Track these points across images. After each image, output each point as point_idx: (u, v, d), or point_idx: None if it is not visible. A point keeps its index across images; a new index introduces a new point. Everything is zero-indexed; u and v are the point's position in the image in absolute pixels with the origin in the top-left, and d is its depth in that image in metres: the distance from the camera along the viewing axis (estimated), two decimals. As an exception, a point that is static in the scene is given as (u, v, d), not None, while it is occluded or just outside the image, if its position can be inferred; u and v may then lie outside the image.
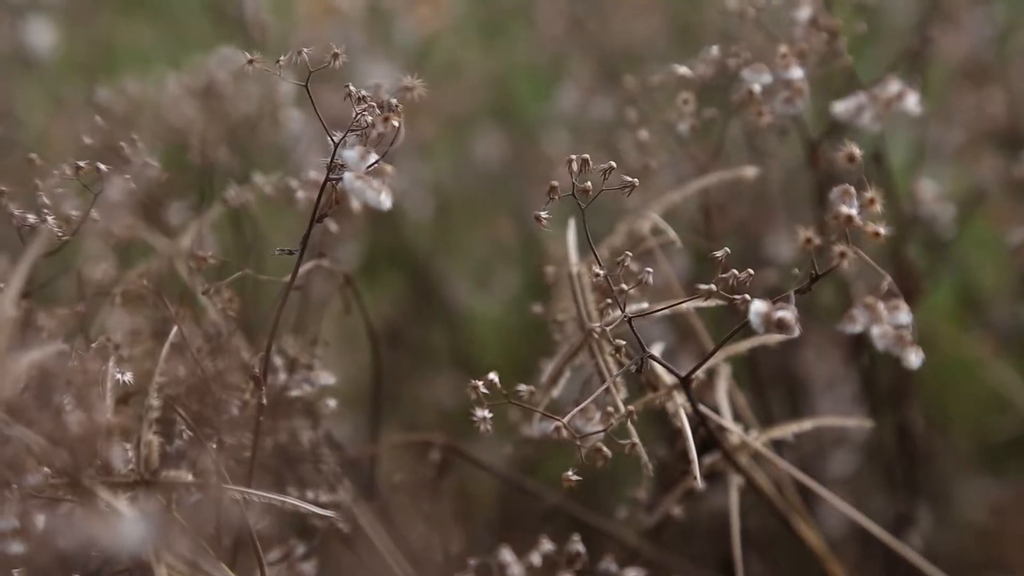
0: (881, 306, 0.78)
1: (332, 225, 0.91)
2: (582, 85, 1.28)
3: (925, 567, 0.96)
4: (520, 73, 1.43)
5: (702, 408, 0.88)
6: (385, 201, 0.78)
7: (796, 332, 0.76)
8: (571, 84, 1.29)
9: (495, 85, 1.39)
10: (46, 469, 0.73)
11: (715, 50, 0.93)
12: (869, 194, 0.75)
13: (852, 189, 0.76)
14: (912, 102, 0.93)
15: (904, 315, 0.78)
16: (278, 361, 0.91)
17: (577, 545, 0.86)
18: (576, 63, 1.32)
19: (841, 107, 0.95)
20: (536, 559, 0.86)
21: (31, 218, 0.81)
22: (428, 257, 1.35)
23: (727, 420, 0.91)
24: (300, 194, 0.90)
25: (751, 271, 0.79)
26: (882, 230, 0.75)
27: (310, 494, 0.92)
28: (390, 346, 1.28)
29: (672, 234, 0.91)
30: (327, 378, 0.92)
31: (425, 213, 1.32)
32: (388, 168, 0.77)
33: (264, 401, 0.85)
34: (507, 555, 0.86)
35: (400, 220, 1.29)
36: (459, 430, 1.29)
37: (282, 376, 0.92)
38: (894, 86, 0.93)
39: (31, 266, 0.73)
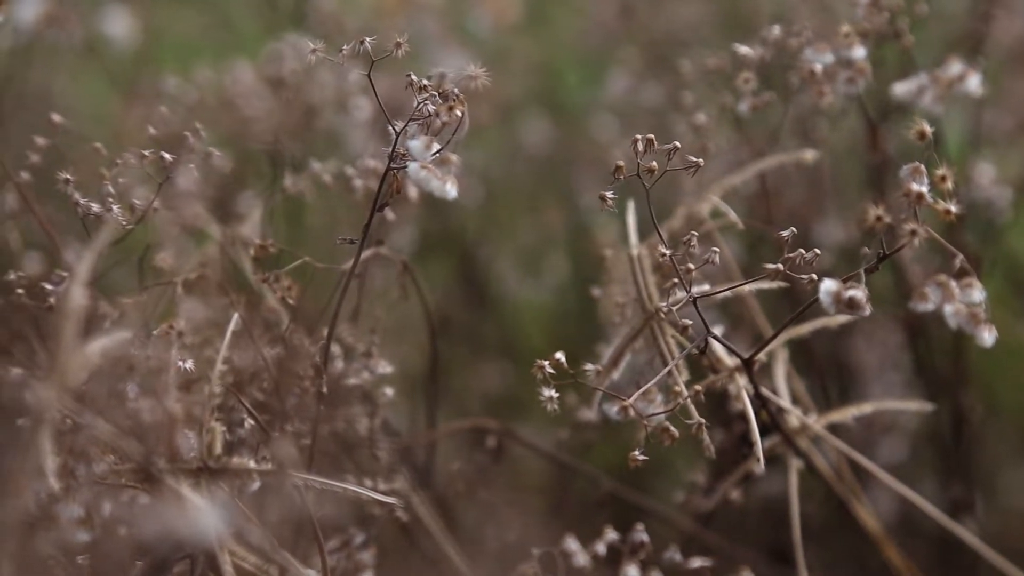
0: (954, 284, 0.77)
1: (391, 214, 0.91)
2: (632, 71, 1.28)
3: (985, 552, 0.95)
4: (568, 59, 1.43)
5: (763, 391, 0.87)
6: (451, 191, 0.78)
7: (867, 311, 0.76)
8: (621, 70, 1.28)
9: (543, 71, 1.39)
10: (111, 457, 0.74)
11: (776, 30, 0.93)
12: (940, 171, 0.75)
13: (922, 167, 0.75)
14: (974, 83, 0.93)
15: (977, 293, 0.77)
16: (336, 349, 0.91)
17: (641, 534, 0.86)
18: (625, 49, 1.31)
19: (902, 88, 0.94)
20: (601, 548, 0.86)
21: (95, 207, 0.81)
22: (476, 244, 1.35)
23: (786, 403, 0.91)
24: (358, 182, 0.90)
25: (817, 251, 0.78)
26: (953, 208, 0.75)
27: (368, 482, 0.92)
28: (439, 332, 1.27)
29: (733, 216, 0.91)
30: (385, 366, 0.92)
31: (474, 200, 1.31)
32: (453, 157, 0.77)
33: (324, 389, 0.85)
34: (572, 544, 0.86)
35: (449, 207, 1.29)
36: (505, 416, 1.29)
37: (340, 364, 0.92)
38: (955, 67, 0.93)
39: (96, 255, 0.73)
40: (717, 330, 0.88)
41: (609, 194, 0.80)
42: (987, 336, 0.77)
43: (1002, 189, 1.13)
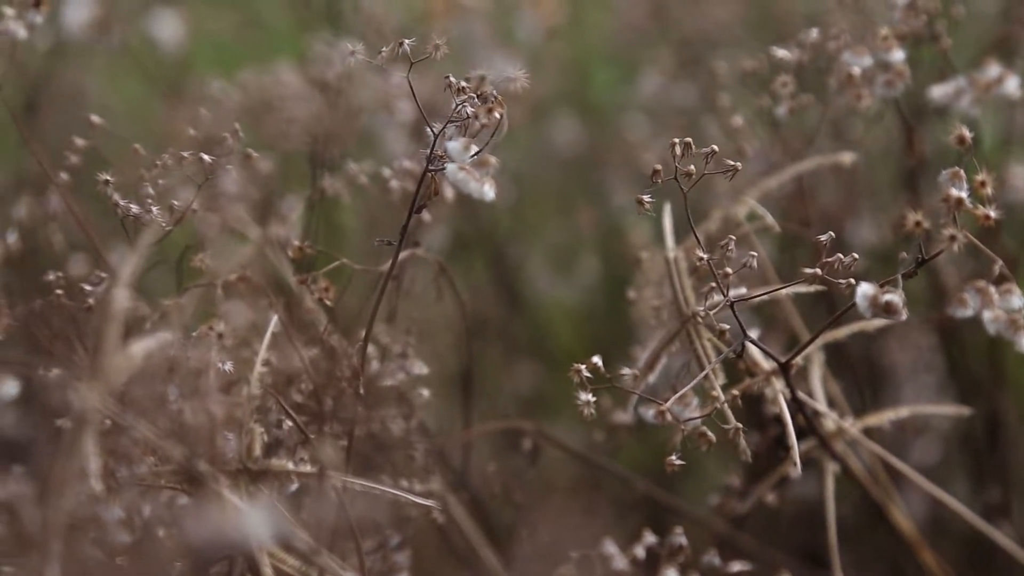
0: (993, 290, 0.77)
1: (427, 215, 0.91)
2: (664, 70, 1.28)
3: (1020, 555, 0.95)
4: (599, 59, 1.43)
5: (800, 394, 0.87)
6: (488, 192, 0.78)
7: (903, 316, 0.76)
8: (653, 70, 1.28)
9: (574, 70, 1.39)
10: (153, 459, 0.74)
11: (814, 33, 0.93)
12: (980, 176, 0.75)
13: (961, 172, 0.75)
14: (1012, 86, 0.93)
15: (1017, 299, 0.77)
16: (372, 350, 0.91)
17: (680, 538, 0.86)
18: (657, 49, 1.31)
19: (939, 91, 0.94)
20: (639, 551, 0.86)
21: (134, 208, 0.82)
22: (507, 243, 1.35)
23: (822, 406, 0.91)
24: (395, 184, 0.90)
25: (855, 256, 0.78)
26: (993, 213, 0.75)
27: (404, 483, 0.92)
28: (471, 333, 1.28)
29: (770, 219, 0.91)
30: (420, 367, 0.93)
31: (505, 200, 1.31)
32: (492, 159, 0.77)
33: (361, 390, 0.85)
34: (610, 547, 0.86)
35: (480, 207, 1.29)
36: (536, 415, 1.29)
37: (375, 365, 0.92)
38: (994, 70, 0.93)
39: (140, 257, 0.73)
40: (753, 333, 0.88)
41: (647, 198, 0.79)
42: None
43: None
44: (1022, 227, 1.15)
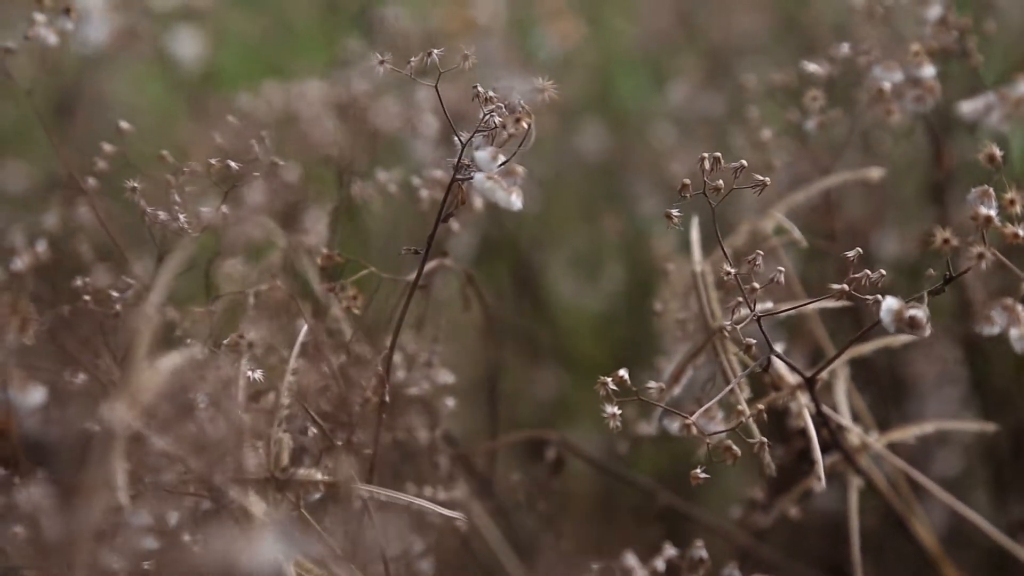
0: (1020, 308, 0.77)
1: (455, 224, 0.91)
2: (692, 79, 1.27)
3: (1043, 572, 0.95)
4: (625, 65, 1.43)
5: (825, 409, 0.87)
6: (516, 202, 0.78)
7: (927, 332, 0.76)
8: (681, 78, 1.28)
9: (600, 77, 1.39)
10: (180, 469, 0.74)
11: (845, 47, 0.93)
12: (1010, 195, 0.74)
13: (991, 190, 0.75)
14: (1042, 102, 0.93)
15: (1044, 318, 0.77)
16: (398, 358, 0.92)
17: (701, 551, 0.86)
18: (682, 57, 1.31)
19: (968, 107, 0.94)
20: (660, 564, 0.86)
21: (162, 215, 0.82)
22: (531, 250, 1.35)
23: (847, 421, 0.91)
24: (424, 192, 0.91)
25: (883, 271, 0.78)
26: (1021, 232, 0.74)
27: (428, 491, 0.92)
28: (492, 337, 1.28)
29: (797, 234, 0.91)
30: (446, 376, 0.93)
31: (532, 206, 1.31)
32: (519, 169, 0.78)
33: (387, 398, 0.85)
34: (631, 560, 0.86)
35: (505, 213, 1.28)
36: (558, 422, 1.29)
37: (401, 373, 0.92)
38: (1023, 86, 0.93)
39: (172, 272, 0.74)
40: (778, 346, 0.88)
41: (675, 212, 0.79)
42: None
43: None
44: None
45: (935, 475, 1.20)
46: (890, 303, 0.76)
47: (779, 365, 0.86)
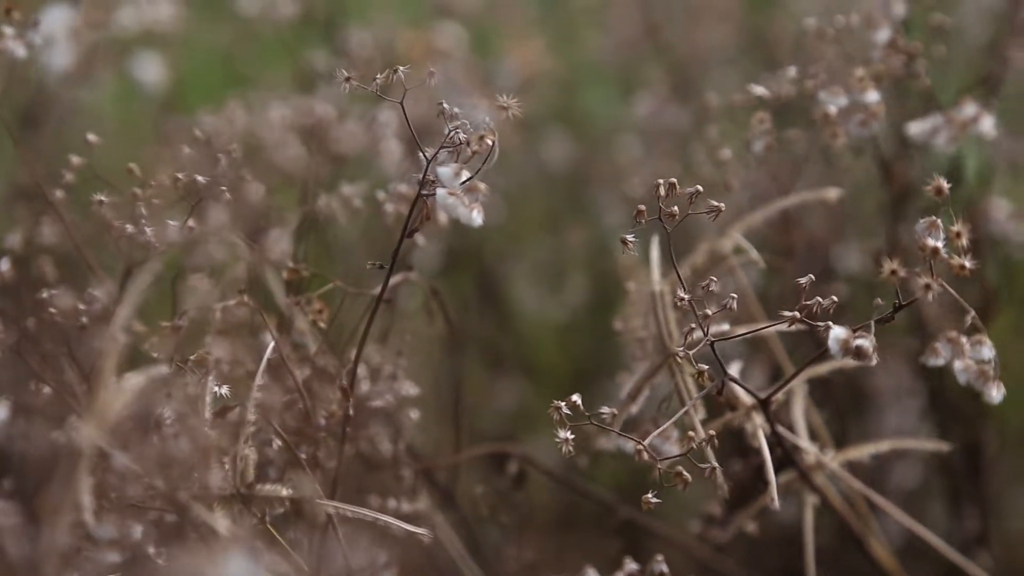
0: (964, 340, 0.79)
1: (420, 238, 0.92)
2: (657, 93, 1.29)
3: (995, 585, 0.97)
4: (590, 77, 1.44)
5: (779, 429, 0.88)
6: (477, 218, 0.79)
7: (873, 361, 0.77)
8: (646, 92, 1.29)
9: (565, 88, 1.40)
10: (144, 486, 0.75)
11: (793, 71, 0.94)
12: (956, 228, 0.76)
13: (938, 222, 0.76)
14: (987, 125, 0.94)
15: (987, 350, 0.79)
16: (361, 371, 0.92)
17: (661, 565, 0.87)
18: (648, 68, 1.32)
19: (916, 128, 0.96)
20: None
21: (129, 228, 0.83)
22: (495, 261, 1.36)
23: (803, 440, 0.92)
24: (389, 207, 0.91)
25: (834, 298, 0.79)
26: (968, 264, 0.76)
27: (392, 503, 0.93)
28: (456, 350, 1.29)
29: (755, 255, 0.92)
30: (410, 388, 0.94)
31: (496, 217, 1.32)
32: (481, 186, 0.79)
33: (351, 411, 0.86)
34: (592, 574, 0.87)
35: (468, 226, 1.29)
36: (520, 432, 1.30)
37: (365, 386, 0.93)
38: (970, 109, 0.94)
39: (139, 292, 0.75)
40: (735, 363, 0.89)
41: (631, 237, 0.80)
42: (995, 393, 0.80)
43: (1018, 223, 1.14)
44: (1004, 258, 1.17)
45: (893, 487, 1.22)
46: (837, 333, 0.77)
47: (734, 385, 0.87)
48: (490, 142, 0.79)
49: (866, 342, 0.76)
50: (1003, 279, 1.17)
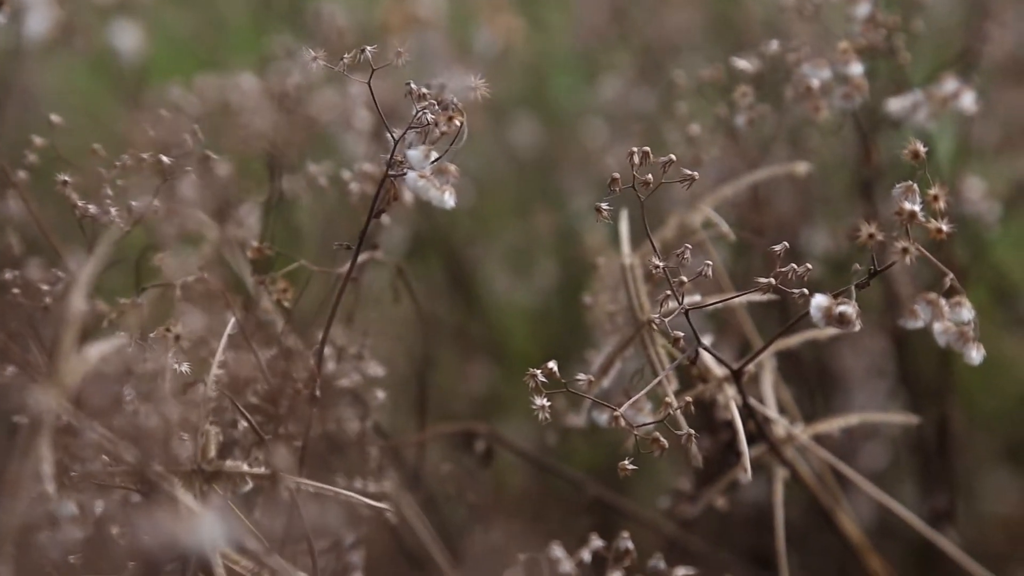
0: (943, 302, 0.78)
1: (386, 219, 0.91)
2: (624, 75, 1.28)
3: (964, 561, 0.96)
4: (559, 62, 1.44)
5: (751, 401, 0.88)
6: (449, 200, 0.78)
7: (856, 327, 0.76)
8: (612, 74, 1.29)
9: (534, 73, 1.39)
10: (107, 459, 0.74)
11: (775, 45, 0.94)
12: (933, 191, 0.76)
13: (915, 186, 0.76)
14: (968, 101, 0.94)
15: (967, 312, 0.79)
16: (328, 351, 0.92)
17: (626, 542, 0.86)
18: (616, 53, 1.32)
19: (896, 104, 0.95)
20: (586, 556, 0.86)
21: (93, 208, 0.82)
22: (464, 245, 1.36)
23: (773, 413, 0.92)
24: (355, 187, 0.91)
25: (809, 266, 0.79)
26: (945, 227, 0.76)
27: (358, 483, 0.92)
28: (423, 329, 1.28)
29: (725, 228, 0.91)
30: (376, 368, 0.93)
31: (465, 201, 1.32)
32: (451, 167, 0.78)
33: (317, 392, 0.85)
34: (557, 551, 0.86)
35: (437, 209, 1.29)
36: (490, 416, 1.30)
37: (331, 366, 0.93)
38: (950, 85, 0.94)
39: (98, 264, 0.74)
40: (706, 338, 0.89)
41: (605, 206, 0.80)
42: (975, 355, 0.79)
43: (991, 203, 1.14)
44: (975, 237, 1.17)
45: (864, 467, 1.22)
46: (819, 300, 0.77)
47: (706, 357, 0.87)
48: (459, 123, 0.79)
49: (849, 308, 0.76)
50: (974, 259, 1.17)
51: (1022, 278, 1.30)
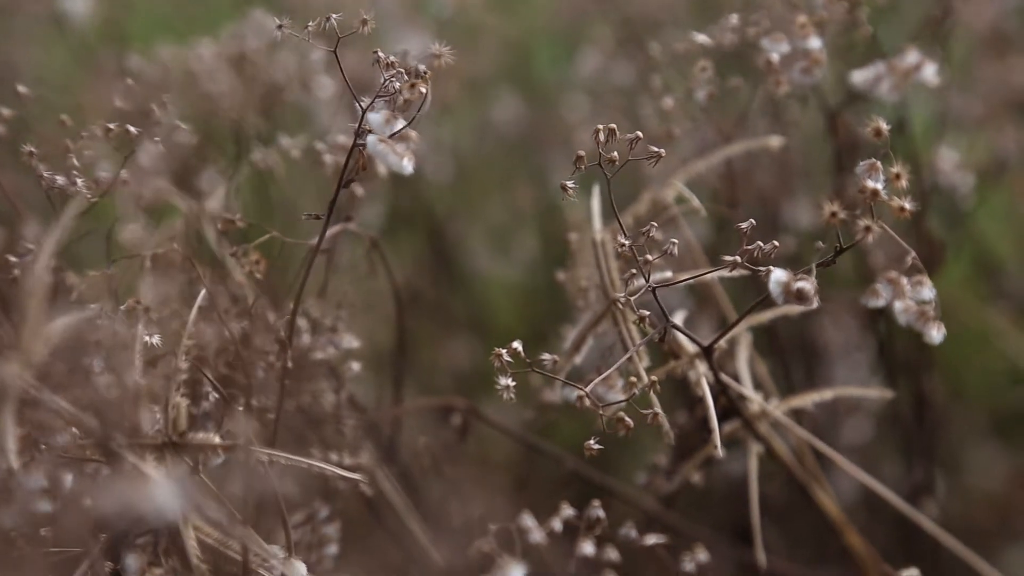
0: (904, 281, 0.78)
1: (359, 189, 0.91)
2: (603, 50, 1.28)
3: (941, 536, 0.96)
4: (539, 37, 1.43)
5: (723, 377, 0.88)
6: (407, 166, 0.78)
7: (815, 303, 0.76)
8: (592, 49, 1.29)
9: (514, 48, 1.39)
10: (74, 431, 0.74)
11: (735, 19, 0.93)
12: (895, 169, 0.75)
13: (879, 163, 0.76)
14: (930, 73, 0.94)
15: (927, 291, 0.78)
16: (302, 324, 0.92)
17: (597, 511, 0.86)
18: (596, 27, 1.32)
19: (860, 76, 0.95)
20: (557, 525, 0.86)
21: (60, 179, 0.81)
22: (446, 220, 1.35)
23: (747, 388, 0.92)
24: (327, 157, 0.91)
25: (776, 243, 0.79)
26: (908, 205, 0.75)
27: (333, 456, 0.92)
28: (408, 308, 1.28)
29: (696, 203, 0.91)
30: (351, 341, 0.93)
31: (445, 177, 1.32)
32: (413, 134, 0.78)
33: (289, 364, 0.85)
34: (528, 521, 0.86)
35: (418, 183, 1.29)
36: (473, 392, 1.29)
37: (306, 338, 0.93)
38: (912, 57, 0.94)
39: (63, 232, 0.73)
40: (681, 312, 0.89)
41: (571, 183, 0.80)
42: (936, 334, 0.79)
43: (965, 175, 1.14)
44: (951, 209, 1.17)
45: (848, 441, 1.22)
46: (778, 275, 0.76)
47: (678, 334, 0.87)
48: (423, 90, 0.79)
49: (807, 284, 0.76)
50: (950, 231, 1.17)
51: (1006, 251, 1.30)
